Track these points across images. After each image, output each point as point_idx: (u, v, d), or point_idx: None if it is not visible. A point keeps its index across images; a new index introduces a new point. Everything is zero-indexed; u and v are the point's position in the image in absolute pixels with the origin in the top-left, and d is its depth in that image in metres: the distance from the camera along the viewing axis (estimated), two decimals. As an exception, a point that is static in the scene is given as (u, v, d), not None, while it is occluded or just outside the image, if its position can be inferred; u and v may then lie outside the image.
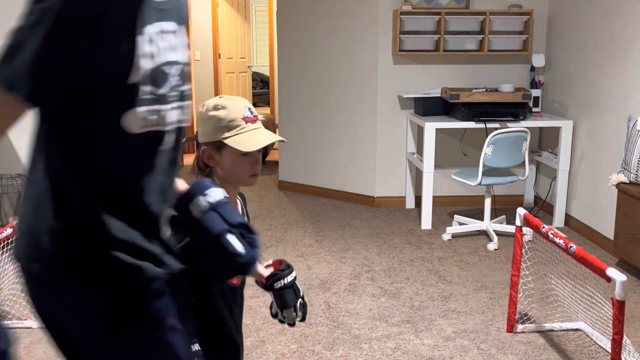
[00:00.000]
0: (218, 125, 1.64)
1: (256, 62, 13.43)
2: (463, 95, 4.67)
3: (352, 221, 4.98)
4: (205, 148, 1.68)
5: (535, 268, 3.87)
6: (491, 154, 4.26)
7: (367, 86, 5.28)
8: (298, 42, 5.67)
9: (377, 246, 4.37)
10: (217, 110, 1.65)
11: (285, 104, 5.89)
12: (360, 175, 5.48)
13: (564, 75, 4.94)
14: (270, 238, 4.55)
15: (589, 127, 4.57)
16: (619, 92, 4.16)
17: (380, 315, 3.28)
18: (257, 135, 1.66)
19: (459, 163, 5.36)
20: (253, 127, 1.67)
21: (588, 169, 4.57)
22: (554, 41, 5.11)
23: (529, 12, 5.01)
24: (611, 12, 4.24)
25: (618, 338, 2.23)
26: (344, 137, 5.52)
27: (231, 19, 9.72)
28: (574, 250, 2.48)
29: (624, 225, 3.75)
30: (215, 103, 1.67)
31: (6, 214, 4.25)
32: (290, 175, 5.99)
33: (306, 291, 3.58)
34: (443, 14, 4.93)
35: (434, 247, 4.36)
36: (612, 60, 4.23)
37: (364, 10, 5.19)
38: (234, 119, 1.64)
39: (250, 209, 5.32)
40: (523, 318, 3.19)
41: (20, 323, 3.12)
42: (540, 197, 5.30)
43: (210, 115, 1.65)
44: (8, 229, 2.76)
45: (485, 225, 4.51)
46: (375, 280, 3.76)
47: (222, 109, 1.65)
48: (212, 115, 1.65)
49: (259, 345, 2.94)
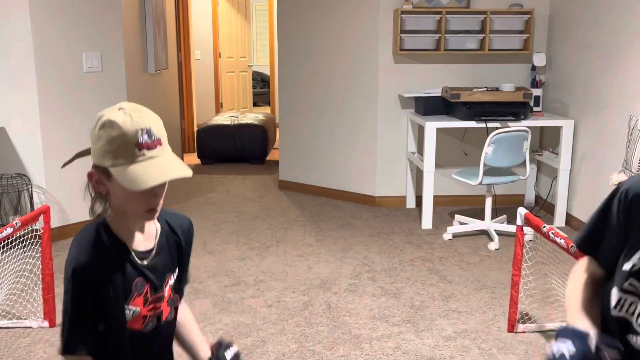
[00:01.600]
0: (106, 149, 1.34)
1: (256, 61, 13.42)
2: (464, 95, 4.66)
3: (353, 221, 4.97)
4: (93, 172, 1.40)
5: (536, 268, 3.86)
6: (492, 154, 4.25)
7: (368, 85, 5.27)
8: (298, 41, 5.66)
9: (377, 246, 4.37)
10: (107, 129, 1.34)
11: (285, 103, 5.89)
12: (361, 175, 5.47)
13: (565, 75, 4.93)
14: (271, 238, 4.54)
15: (589, 126, 4.57)
16: (620, 91, 4.16)
17: (381, 315, 3.27)
18: (151, 169, 1.35)
19: (460, 162, 5.35)
20: (149, 155, 1.36)
21: (589, 168, 4.57)
22: (555, 40, 5.10)
23: (530, 11, 5.00)
24: (612, 11, 4.23)
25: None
26: (344, 137, 5.52)
27: (231, 18, 9.71)
28: (575, 249, 2.47)
29: (625, 225, 3.74)
30: (107, 119, 1.36)
31: (6, 213, 4.25)
32: (290, 175, 5.99)
33: (306, 291, 3.58)
34: (444, 13, 4.93)
35: (435, 246, 4.36)
36: (613, 60, 4.22)
37: (364, 10, 5.18)
38: (124, 144, 1.33)
39: (251, 209, 5.31)
40: (524, 318, 3.19)
41: (20, 323, 3.11)
42: (541, 196, 5.30)
43: (99, 133, 1.35)
44: (8, 228, 2.75)
45: (486, 225, 4.50)
46: (376, 280, 3.76)
47: (110, 128, 1.34)
48: (101, 135, 1.35)
49: (260, 345, 2.94)
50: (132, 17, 4.95)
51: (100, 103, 4.56)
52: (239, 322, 3.18)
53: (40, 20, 4.16)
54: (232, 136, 7.25)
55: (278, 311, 3.31)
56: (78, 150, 1.53)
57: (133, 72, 4.94)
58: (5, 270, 3.38)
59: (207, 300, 3.44)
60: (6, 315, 3.20)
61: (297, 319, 3.22)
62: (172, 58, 6.58)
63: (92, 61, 4.46)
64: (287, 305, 3.38)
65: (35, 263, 3.57)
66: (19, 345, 2.93)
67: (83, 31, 4.39)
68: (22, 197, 4.24)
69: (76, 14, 4.34)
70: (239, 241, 4.47)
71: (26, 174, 4.27)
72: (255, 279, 3.75)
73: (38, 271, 3.33)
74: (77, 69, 4.40)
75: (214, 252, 4.23)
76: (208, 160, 7.35)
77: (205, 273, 3.84)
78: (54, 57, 4.27)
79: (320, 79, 5.57)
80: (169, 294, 1.52)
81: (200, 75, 9.35)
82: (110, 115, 1.37)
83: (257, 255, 4.18)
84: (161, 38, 5.76)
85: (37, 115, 4.22)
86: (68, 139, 4.39)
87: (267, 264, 4.01)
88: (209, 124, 7.37)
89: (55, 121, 4.32)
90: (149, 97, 5.46)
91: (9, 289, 3.42)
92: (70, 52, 4.34)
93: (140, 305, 1.44)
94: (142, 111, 1.41)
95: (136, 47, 5.07)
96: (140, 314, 1.44)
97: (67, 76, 4.35)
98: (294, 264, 4.02)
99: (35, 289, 3.44)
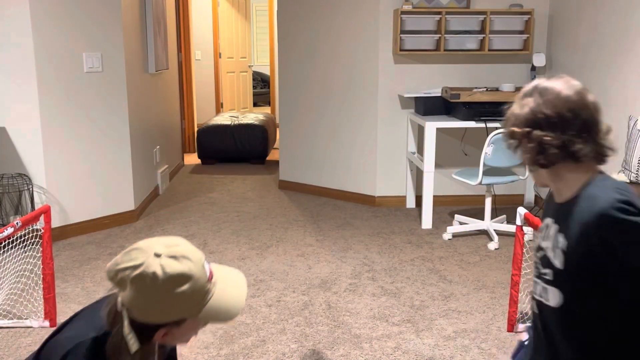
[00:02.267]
0: (188, 304, 1.27)
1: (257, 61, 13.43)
2: (464, 95, 4.67)
3: (353, 221, 4.98)
4: (164, 330, 1.30)
5: (536, 267, 3.87)
6: (492, 154, 4.26)
7: (368, 86, 5.28)
8: (299, 41, 5.67)
9: (377, 246, 4.37)
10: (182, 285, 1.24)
11: (285, 103, 5.89)
12: (361, 175, 5.48)
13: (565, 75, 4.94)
14: (271, 237, 4.55)
15: (589, 126, 4.56)
16: (620, 91, 4.16)
17: (381, 315, 3.28)
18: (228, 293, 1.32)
19: (460, 162, 5.36)
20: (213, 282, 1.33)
21: (589, 168, 4.57)
22: (555, 41, 5.11)
23: (530, 11, 5.01)
24: (612, 11, 4.24)
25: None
26: (344, 137, 5.52)
27: (231, 18, 9.71)
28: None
29: (625, 225, 3.74)
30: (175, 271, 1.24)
31: (7, 213, 4.25)
32: (290, 175, 5.99)
33: (307, 291, 3.59)
34: (444, 14, 4.93)
35: (435, 246, 4.36)
36: (613, 60, 4.23)
37: (364, 10, 5.19)
38: (202, 288, 1.28)
39: (251, 209, 5.32)
40: (524, 317, 3.19)
41: (21, 323, 3.12)
42: (541, 196, 5.30)
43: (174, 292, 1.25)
44: (9, 228, 2.76)
45: (485, 225, 4.51)
46: (376, 279, 3.76)
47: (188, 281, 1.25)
48: (179, 293, 1.25)
49: (260, 345, 2.94)
50: (132, 17, 4.96)
51: (101, 103, 4.57)
52: (239, 321, 3.19)
53: (41, 21, 4.17)
54: (232, 136, 7.26)
55: (278, 311, 3.31)
56: (78, 150, 1.50)
57: (133, 72, 4.95)
58: (6, 270, 3.39)
59: (207, 300, 3.45)
60: (7, 314, 3.21)
61: (297, 318, 3.23)
62: (173, 58, 6.58)
63: (92, 61, 4.47)
64: (287, 305, 3.39)
65: (36, 263, 3.58)
66: (20, 344, 2.93)
67: (83, 31, 4.40)
68: (23, 197, 4.25)
69: (77, 14, 4.35)
70: (239, 241, 4.48)
71: (27, 174, 4.28)
72: (255, 279, 3.76)
73: (39, 271, 3.34)
74: (78, 69, 4.41)
75: (214, 252, 4.24)
76: (208, 160, 7.36)
77: (205, 273, 3.84)
78: (55, 57, 4.28)
79: (320, 79, 5.58)
80: None
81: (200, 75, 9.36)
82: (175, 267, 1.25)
83: (258, 255, 4.19)
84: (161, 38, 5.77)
85: (38, 116, 4.23)
86: (69, 139, 4.40)
87: (267, 263, 4.02)
88: (210, 124, 7.38)
89: (56, 121, 4.33)
90: (149, 97, 5.47)
91: (10, 288, 3.43)
92: (70, 52, 4.35)
93: None
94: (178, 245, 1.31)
95: (136, 47, 5.08)
96: None
97: (67, 76, 4.36)
98: (294, 263, 4.03)
99: (36, 288, 3.45)
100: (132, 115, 4.86)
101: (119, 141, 4.69)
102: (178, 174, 6.79)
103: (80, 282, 3.68)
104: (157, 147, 5.76)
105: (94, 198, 4.59)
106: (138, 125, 5.04)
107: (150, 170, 5.55)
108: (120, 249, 4.21)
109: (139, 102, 5.11)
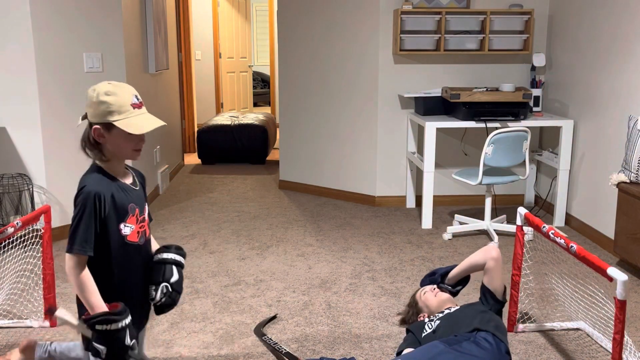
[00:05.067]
0: (109, 109, 1.90)
1: (257, 61, 13.43)
2: (464, 95, 4.67)
3: (353, 220, 4.98)
4: (97, 127, 1.93)
5: (536, 267, 3.87)
6: (492, 154, 4.26)
7: (368, 86, 5.28)
8: (299, 41, 5.67)
9: (377, 245, 4.38)
10: (108, 96, 1.91)
11: (285, 103, 5.89)
12: (361, 175, 5.48)
13: (565, 75, 4.94)
14: (271, 237, 4.55)
15: (589, 126, 4.57)
16: (620, 91, 4.16)
17: (381, 315, 3.28)
18: (143, 120, 1.95)
19: (460, 162, 5.36)
20: (140, 112, 1.95)
21: (588, 168, 4.57)
22: (555, 41, 5.11)
23: (530, 11, 5.01)
24: (612, 11, 4.24)
25: (619, 337, 2.23)
26: (344, 137, 5.53)
27: (232, 18, 9.71)
28: (574, 249, 2.48)
29: (625, 225, 3.75)
30: (106, 89, 1.92)
31: (7, 213, 4.25)
32: (290, 175, 6.00)
33: (307, 291, 3.59)
34: (444, 14, 4.93)
35: (435, 246, 4.36)
36: (613, 60, 4.23)
37: (364, 10, 5.19)
38: (123, 105, 1.91)
39: (251, 209, 5.33)
40: (524, 317, 3.19)
41: (21, 322, 3.12)
42: (541, 196, 5.30)
43: (101, 100, 1.91)
44: (9, 228, 2.76)
45: (485, 225, 4.51)
46: (376, 279, 3.76)
47: (112, 95, 1.91)
48: (104, 100, 1.90)
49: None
50: (132, 17, 4.96)
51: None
52: (239, 321, 3.19)
53: (41, 21, 4.17)
54: (232, 136, 7.26)
55: (278, 311, 3.31)
56: (78, 150, 2.00)
57: (134, 72, 4.95)
58: (6, 270, 3.39)
59: (207, 299, 3.45)
60: (7, 314, 3.21)
61: (297, 318, 3.23)
62: (173, 58, 6.58)
63: (92, 61, 4.47)
64: (287, 305, 3.39)
65: (36, 263, 3.58)
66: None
67: (84, 31, 4.40)
68: (23, 197, 4.25)
69: (77, 14, 4.35)
70: (240, 241, 4.48)
71: (27, 174, 4.28)
72: (255, 279, 3.76)
73: (39, 271, 3.34)
74: (78, 69, 4.41)
75: (214, 251, 4.24)
76: (208, 160, 7.36)
77: (205, 273, 3.84)
78: (55, 57, 4.28)
79: (320, 79, 5.58)
80: (147, 219, 2.12)
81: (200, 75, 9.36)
82: (106, 87, 1.93)
83: (258, 255, 4.19)
84: (162, 38, 5.77)
85: (38, 116, 4.23)
86: (69, 139, 4.40)
87: (268, 263, 4.02)
88: (210, 124, 7.38)
89: (56, 121, 4.33)
90: (149, 97, 5.47)
91: (10, 288, 3.43)
92: (71, 52, 4.35)
93: (134, 223, 2.02)
94: (125, 84, 1.99)
95: (137, 47, 5.08)
96: (135, 230, 2.01)
97: (67, 76, 4.36)
98: (294, 263, 4.03)
99: (36, 288, 3.45)
100: (132, 115, 4.86)
101: (119, 141, 4.69)
102: (178, 174, 6.80)
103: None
104: (157, 147, 5.76)
105: (94, 198, 4.58)
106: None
107: (151, 170, 5.55)
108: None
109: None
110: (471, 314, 2.52)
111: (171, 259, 2.09)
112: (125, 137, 1.92)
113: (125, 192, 1.99)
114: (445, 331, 2.47)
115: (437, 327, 2.54)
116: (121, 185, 2.00)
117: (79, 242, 1.88)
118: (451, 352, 2.27)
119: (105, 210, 1.91)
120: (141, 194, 2.09)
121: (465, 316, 2.53)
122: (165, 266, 2.07)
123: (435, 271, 2.99)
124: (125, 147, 1.95)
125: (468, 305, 2.69)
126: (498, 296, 2.69)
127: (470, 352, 2.28)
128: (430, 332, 2.55)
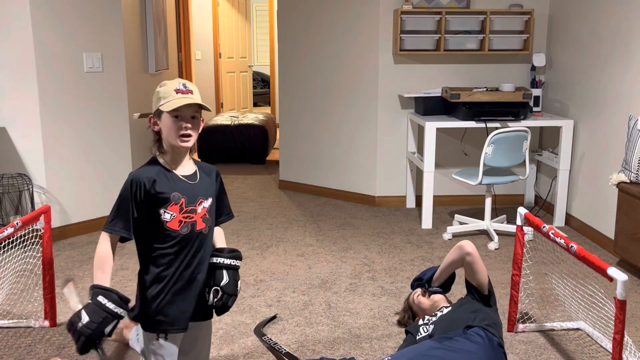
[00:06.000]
0: (157, 97, 2.06)
1: (257, 61, 13.43)
2: (464, 95, 4.67)
3: (353, 220, 4.98)
4: (152, 116, 2.09)
5: (536, 267, 3.87)
6: (492, 154, 4.26)
7: (368, 86, 5.28)
8: (298, 41, 5.67)
9: (377, 245, 4.37)
10: (160, 87, 2.07)
11: (285, 103, 5.89)
12: (361, 175, 5.48)
13: (565, 75, 4.94)
14: (271, 237, 4.55)
15: (589, 126, 4.57)
16: (620, 91, 4.16)
17: (381, 315, 3.28)
18: (183, 100, 2.02)
19: (460, 162, 5.36)
20: (182, 96, 2.03)
21: (589, 168, 4.57)
22: (555, 41, 5.11)
23: (530, 11, 5.01)
24: (612, 11, 4.24)
25: (619, 337, 2.23)
26: (344, 137, 5.52)
27: (232, 18, 9.71)
28: (574, 249, 2.48)
29: (625, 225, 3.75)
30: (161, 83, 2.08)
31: (7, 213, 4.25)
32: (290, 175, 6.00)
33: (307, 291, 3.59)
34: (444, 14, 4.93)
35: (435, 246, 4.36)
36: (613, 60, 4.23)
37: (364, 10, 5.19)
38: (168, 91, 2.04)
39: (251, 209, 5.32)
40: (524, 317, 3.19)
41: (21, 323, 3.12)
42: (541, 196, 5.30)
43: (156, 91, 2.08)
44: (9, 228, 2.76)
45: (485, 225, 4.51)
46: (376, 279, 3.76)
47: (163, 86, 2.06)
48: (157, 91, 2.08)
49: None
50: (132, 17, 4.96)
51: (101, 103, 4.57)
52: (240, 321, 3.19)
53: (41, 21, 4.17)
54: (232, 136, 7.26)
55: (278, 311, 3.31)
56: (78, 150, 2.11)
57: (134, 72, 4.95)
58: (6, 270, 3.39)
59: (207, 299, 3.45)
60: (7, 315, 3.21)
61: (297, 318, 3.23)
62: (173, 58, 6.58)
63: (92, 61, 4.47)
64: (287, 305, 3.39)
65: (36, 263, 3.58)
66: (20, 345, 2.93)
67: (84, 31, 4.40)
68: (23, 197, 4.25)
69: (77, 14, 4.35)
70: (240, 241, 4.48)
71: (27, 174, 4.28)
72: (255, 279, 3.76)
73: (39, 271, 3.34)
74: (78, 69, 4.41)
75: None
76: (208, 160, 7.36)
77: (205, 273, 3.84)
78: (55, 57, 4.28)
79: (320, 79, 5.58)
80: (204, 212, 2.14)
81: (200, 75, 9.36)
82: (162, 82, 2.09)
83: (258, 255, 4.19)
84: (162, 38, 5.77)
85: (38, 116, 4.23)
86: (69, 139, 4.40)
87: (268, 263, 4.02)
88: (210, 124, 7.38)
89: (56, 121, 4.33)
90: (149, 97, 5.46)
91: (10, 288, 3.43)
92: (70, 52, 4.35)
93: (176, 211, 2.06)
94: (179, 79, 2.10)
95: (137, 47, 5.08)
96: (177, 219, 2.06)
97: (67, 76, 4.36)
98: (294, 263, 4.03)
99: (36, 288, 3.45)
100: (132, 115, 4.86)
101: (119, 141, 4.69)
102: (178, 174, 6.79)
103: (81, 282, 3.69)
104: (157, 147, 5.75)
105: (94, 198, 4.59)
106: (138, 125, 5.04)
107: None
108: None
109: (139, 102, 5.11)
110: (464, 316, 2.53)
111: (220, 263, 2.15)
112: (170, 122, 2.02)
113: (172, 182, 2.07)
114: (440, 335, 2.49)
115: (432, 332, 2.55)
116: (172, 175, 2.08)
117: (109, 221, 2.02)
118: (440, 348, 2.29)
119: (141, 194, 2.01)
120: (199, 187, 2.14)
121: (458, 317, 2.54)
122: (215, 271, 2.15)
123: (420, 276, 3.00)
124: (173, 131, 2.03)
125: (460, 304, 2.69)
126: (482, 290, 2.69)
127: (461, 347, 2.30)
128: (425, 335, 2.57)
